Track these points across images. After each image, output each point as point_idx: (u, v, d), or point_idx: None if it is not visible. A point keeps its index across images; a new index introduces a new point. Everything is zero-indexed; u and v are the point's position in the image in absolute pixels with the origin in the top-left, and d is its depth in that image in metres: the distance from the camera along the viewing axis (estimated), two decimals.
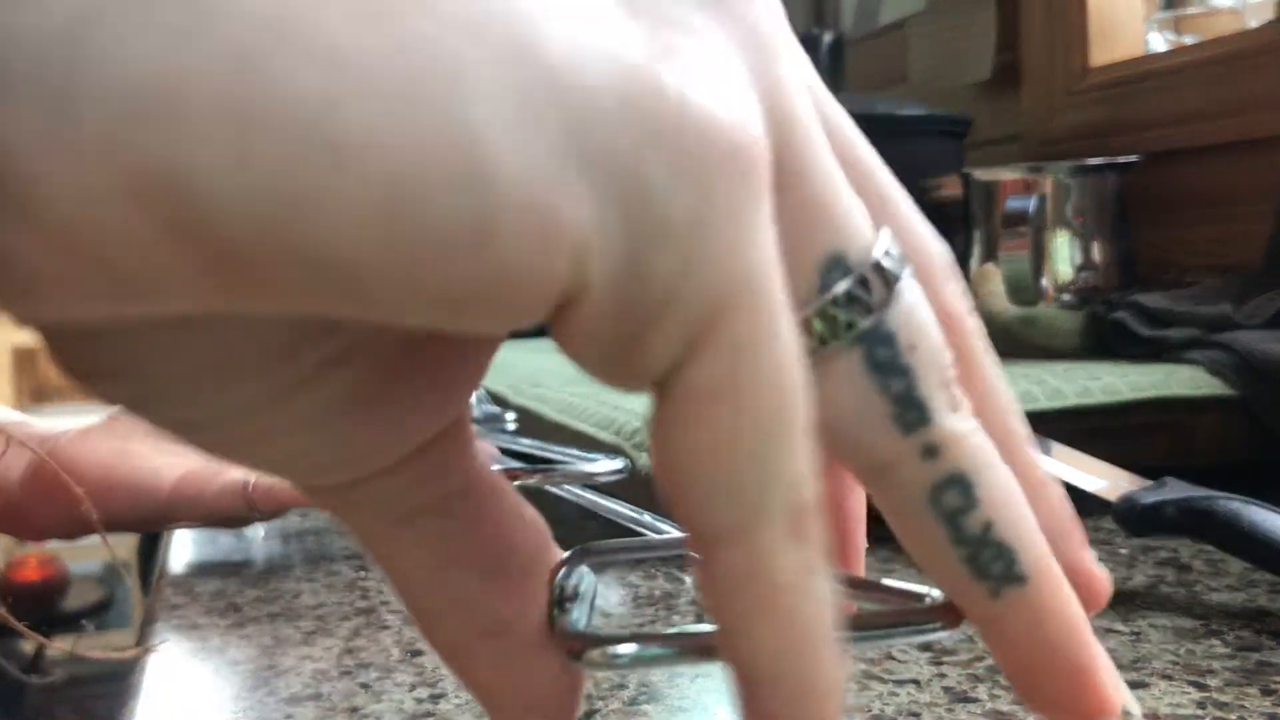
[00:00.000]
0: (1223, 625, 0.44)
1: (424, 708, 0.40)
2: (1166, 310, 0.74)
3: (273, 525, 0.70)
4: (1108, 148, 0.97)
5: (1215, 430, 0.67)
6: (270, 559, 0.62)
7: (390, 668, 0.44)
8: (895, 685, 0.39)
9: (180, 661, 0.47)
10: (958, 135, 1.07)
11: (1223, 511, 0.46)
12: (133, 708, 0.42)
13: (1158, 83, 0.94)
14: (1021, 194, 0.79)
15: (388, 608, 0.52)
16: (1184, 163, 0.92)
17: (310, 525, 0.68)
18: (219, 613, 0.52)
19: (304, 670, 0.44)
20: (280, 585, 0.57)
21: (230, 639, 0.48)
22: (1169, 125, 0.93)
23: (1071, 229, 0.78)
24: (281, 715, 0.40)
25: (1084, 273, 0.78)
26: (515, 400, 0.80)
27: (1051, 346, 0.78)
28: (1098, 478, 0.52)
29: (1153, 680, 0.39)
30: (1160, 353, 0.72)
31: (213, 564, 0.61)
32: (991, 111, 1.19)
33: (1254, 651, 0.41)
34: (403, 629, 0.48)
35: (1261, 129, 0.85)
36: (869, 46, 1.47)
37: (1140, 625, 0.44)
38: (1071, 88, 1.05)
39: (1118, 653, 0.41)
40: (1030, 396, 0.63)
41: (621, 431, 0.61)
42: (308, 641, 0.47)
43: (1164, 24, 1.00)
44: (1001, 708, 0.37)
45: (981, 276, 0.82)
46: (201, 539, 0.67)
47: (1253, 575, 0.50)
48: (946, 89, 1.26)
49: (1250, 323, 0.70)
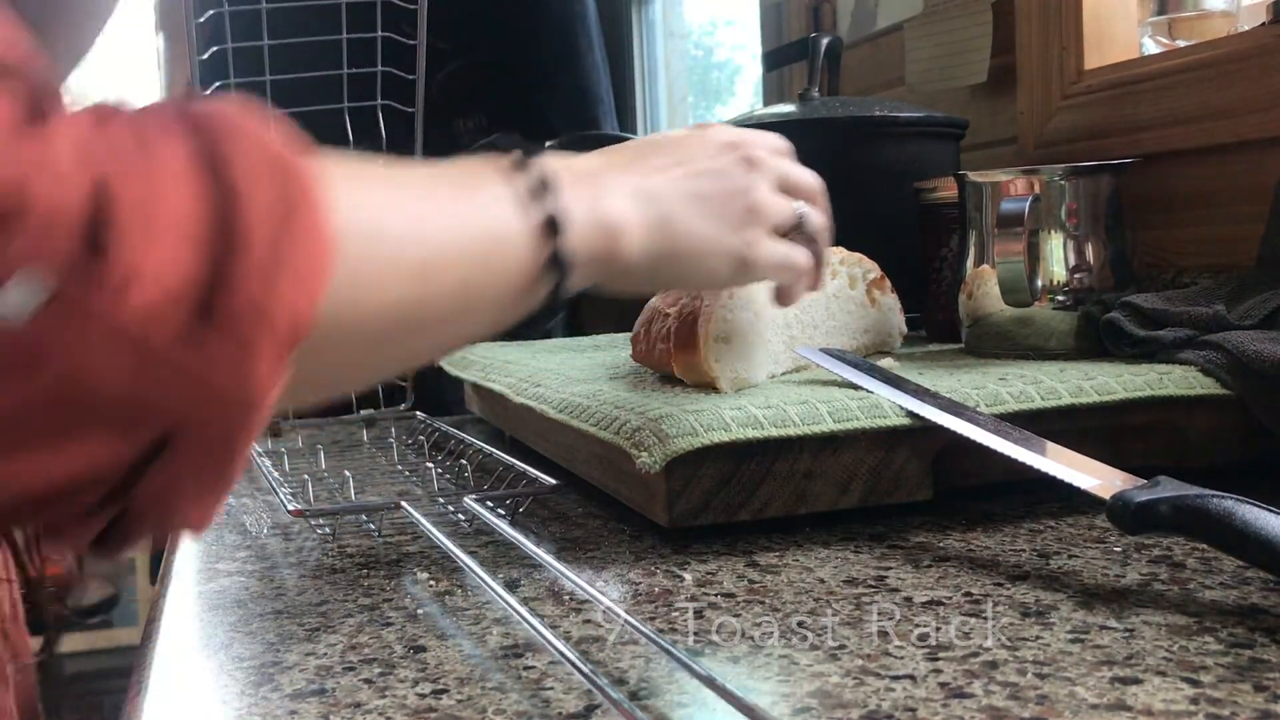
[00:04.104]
0: (1216, 622, 0.45)
1: (426, 703, 0.40)
2: (1160, 311, 0.74)
3: (274, 525, 0.70)
4: (1102, 150, 0.98)
5: (1209, 430, 0.68)
6: (275, 556, 0.62)
7: (393, 664, 0.44)
8: (891, 681, 0.40)
9: (185, 657, 0.47)
10: (954, 138, 1.08)
11: (1216, 510, 0.46)
12: (139, 703, 0.42)
13: (1151, 86, 0.95)
14: (1016, 196, 0.79)
15: (390, 605, 0.52)
16: (1177, 165, 0.93)
17: (311, 525, 0.68)
18: (224, 609, 0.53)
19: (308, 666, 0.44)
20: (284, 582, 0.57)
21: (235, 635, 0.49)
22: (1162, 127, 0.93)
23: (1066, 230, 0.78)
24: (285, 711, 0.40)
25: (1078, 274, 0.78)
26: (515, 400, 0.81)
27: (1046, 347, 0.79)
28: (1092, 476, 0.53)
29: (1146, 676, 0.39)
30: (1154, 353, 0.73)
31: (218, 561, 0.62)
32: (987, 114, 1.19)
33: (1247, 648, 0.42)
34: (405, 625, 0.49)
35: (1254, 131, 0.85)
36: (866, 50, 1.47)
37: (1134, 622, 0.45)
38: (1066, 91, 1.05)
39: (1111, 649, 0.42)
40: (1025, 396, 0.64)
41: (622, 431, 0.61)
42: (311, 638, 0.48)
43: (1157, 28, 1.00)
44: (996, 704, 0.38)
45: (977, 278, 0.82)
46: (208, 537, 0.68)
47: (1245, 573, 0.50)
48: (942, 92, 1.27)
49: (1243, 323, 0.71)
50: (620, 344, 1.07)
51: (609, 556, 0.59)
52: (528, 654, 0.45)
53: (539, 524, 0.67)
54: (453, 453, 0.89)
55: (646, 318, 0.76)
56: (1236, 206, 0.89)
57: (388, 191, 0.42)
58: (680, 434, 0.58)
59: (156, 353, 0.31)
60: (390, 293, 0.40)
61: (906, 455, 0.62)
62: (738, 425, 0.59)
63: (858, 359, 0.71)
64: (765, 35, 1.82)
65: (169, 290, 0.31)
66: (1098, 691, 0.38)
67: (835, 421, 0.60)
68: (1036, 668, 0.40)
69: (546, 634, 0.42)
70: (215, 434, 0.33)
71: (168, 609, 0.54)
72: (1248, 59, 0.86)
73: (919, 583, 0.51)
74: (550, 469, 0.71)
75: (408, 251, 0.41)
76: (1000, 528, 0.60)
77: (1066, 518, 0.62)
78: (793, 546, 0.58)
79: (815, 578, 0.53)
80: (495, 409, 0.99)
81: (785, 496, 0.60)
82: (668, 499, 0.59)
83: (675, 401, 0.62)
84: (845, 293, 0.80)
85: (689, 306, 0.70)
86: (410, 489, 0.80)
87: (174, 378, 0.32)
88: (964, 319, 0.85)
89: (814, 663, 0.42)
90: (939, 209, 0.96)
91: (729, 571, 0.55)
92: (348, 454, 0.97)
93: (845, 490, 0.61)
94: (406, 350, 0.45)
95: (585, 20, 1.98)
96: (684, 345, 0.68)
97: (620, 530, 0.64)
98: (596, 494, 0.72)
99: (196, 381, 0.32)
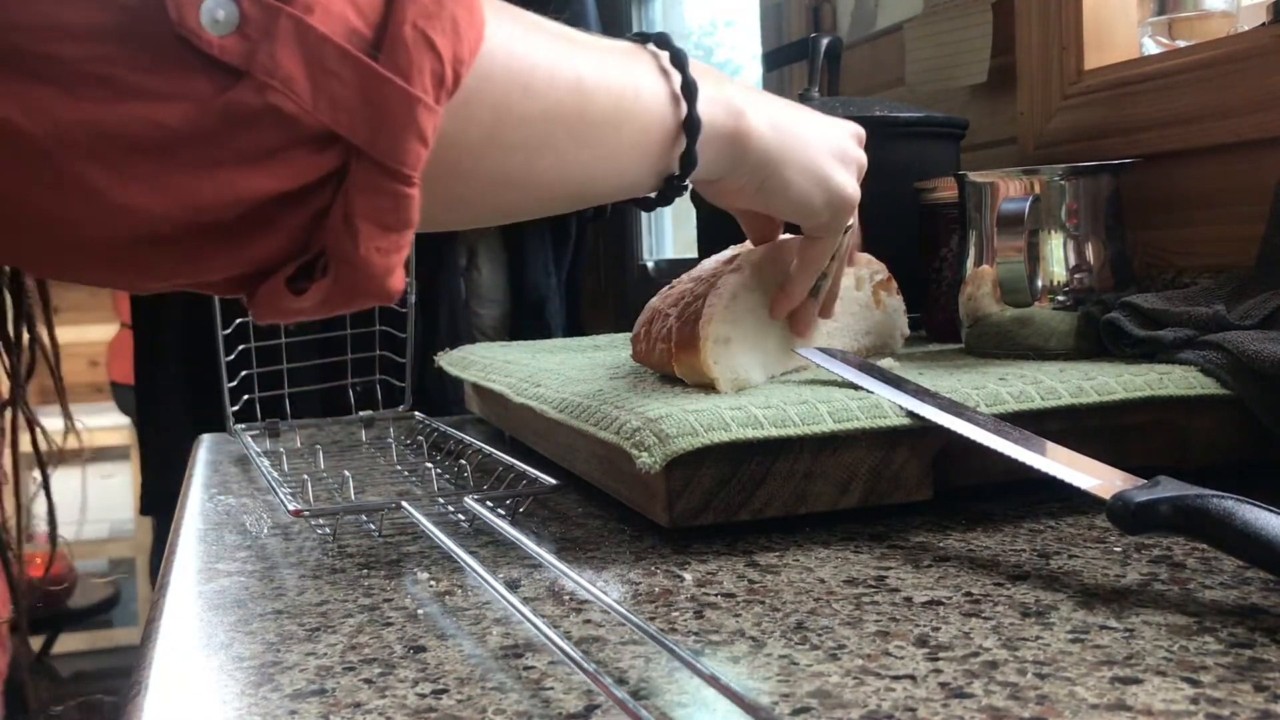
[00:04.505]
0: (1216, 622, 0.45)
1: (426, 703, 0.40)
2: (1160, 311, 0.74)
3: (274, 525, 0.70)
4: (1102, 150, 0.98)
5: (1209, 430, 0.68)
6: (275, 556, 0.62)
7: (393, 664, 0.44)
8: (891, 681, 0.40)
9: (185, 657, 0.47)
10: (954, 138, 1.08)
11: (1216, 510, 0.46)
12: (139, 703, 0.42)
13: (1151, 86, 0.95)
14: (1016, 196, 0.79)
15: (391, 605, 0.52)
16: (1177, 165, 0.93)
17: (311, 525, 0.68)
18: (224, 609, 0.53)
19: (308, 666, 0.44)
20: (284, 582, 0.57)
21: (235, 635, 0.49)
22: (1162, 128, 0.93)
23: (1066, 231, 0.78)
24: (285, 711, 0.40)
25: (1078, 274, 0.78)
26: (515, 400, 0.81)
27: (1046, 347, 0.79)
28: (1092, 476, 0.53)
29: (1146, 677, 0.39)
30: (1154, 353, 0.73)
31: (218, 561, 0.62)
32: (987, 114, 1.19)
33: (1247, 648, 0.42)
34: (405, 625, 0.49)
35: (1254, 131, 0.85)
36: (866, 50, 1.47)
37: (1134, 622, 0.45)
38: (1066, 91, 1.05)
39: (1111, 649, 0.42)
40: (1025, 396, 0.64)
41: (622, 431, 0.61)
42: (311, 638, 0.48)
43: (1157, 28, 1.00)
44: (996, 704, 0.38)
45: (977, 277, 0.82)
46: (208, 537, 0.68)
47: (1245, 573, 0.50)
48: (943, 92, 1.27)
49: (1244, 323, 0.71)
50: (620, 344, 1.07)
51: (609, 556, 0.59)
52: (528, 654, 0.45)
53: (539, 524, 0.67)
54: (452, 453, 0.89)
55: (646, 318, 0.76)
56: (1236, 206, 0.89)
57: (540, 24, 0.48)
58: (680, 434, 0.58)
59: (334, 72, 0.36)
60: (547, 98, 0.46)
61: (906, 455, 0.62)
62: (738, 425, 0.59)
63: (858, 359, 0.71)
64: (765, 35, 1.82)
65: (344, 17, 0.37)
66: (1098, 691, 0.38)
67: (835, 421, 0.60)
68: (1036, 668, 0.40)
69: (549, 633, 0.42)
70: (385, 152, 0.38)
71: (168, 609, 0.54)
72: (1248, 59, 0.86)
73: (919, 583, 0.51)
74: (550, 469, 0.71)
75: (562, 65, 0.47)
76: (1000, 528, 0.60)
77: (1066, 518, 0.62)
78: (793, 546, 0.58)
79: (815, 578, 0.53)
80: (495, 409, 0.99)
81: (785, 496, 0.60)
82: (668, 499, 0.59)
83: (675, 401, 0.62)
84: (850, 294, 0.80)
85: (689, 307, 0.70)
86: (410, 489, 0.80)
87: (348, 95, 0.37)
88: (964, 319, 0.85)
89: (814, 663, 0.42)
90: (939, 209, 0.96)
91: (729, 571, 0.55)
92: (347, 454, 0.97)
93: (845, 490, 0.61)
94: (551, 176, 0.50)
95: (585, 20, 1.98)
96: (684, 345, 0.68)
97: (620, 530, 0.64)
98: (596, 494, 0.72)
99: (367, 100, 0.37)
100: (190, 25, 0.34)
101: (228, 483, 0.86)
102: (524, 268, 1.87)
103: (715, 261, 0.75)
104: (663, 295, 0.76)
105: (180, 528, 0.72)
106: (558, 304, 1.91)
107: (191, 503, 0.79)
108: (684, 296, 0.72)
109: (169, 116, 0.35)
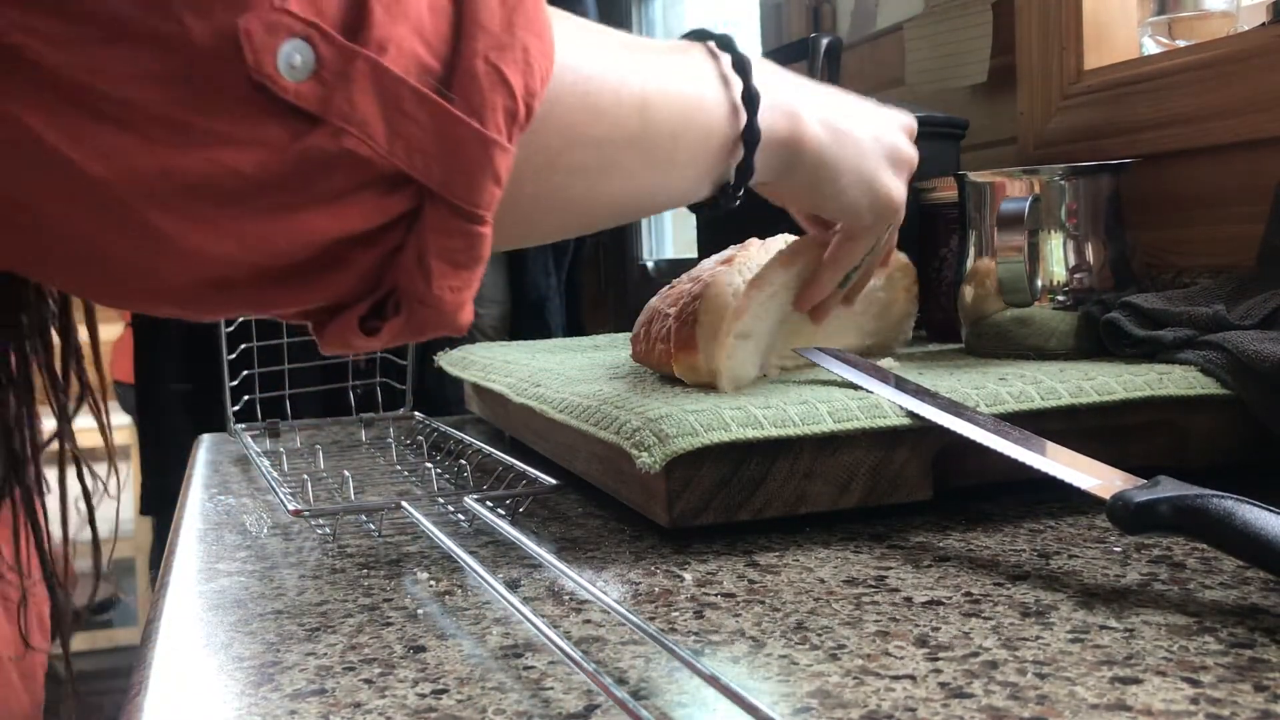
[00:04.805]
0: (1216, 622, 0.45)
1: (426, 703, 0.40)
2: (1160, 311, 0.74)
3: (274, 525, 0.70)
4: (1102, 150, 0.98)
5: (1209, 430, 0.68)
6: (275, 556, 0.62)
7: (393, 664, 0.44)
8: (891, 681, 0.40)
9: (186, 657, 0.47)
10: (954, 138, 1.08)
11: (1216, 510, 0.46)
12: (139, 703, 0.42)
13: (1151, 86, 0.95)
14: (1016, 196, 0.79)
15: (390, 605, 0.52)
16: (1177, 165, 0.93)
17: (311, 525, 0.68)
18: (224, 609, 0.53)
19: (308, 666, 0.44)
20: (284, 582, 0.57)
21: (235, 635, 0.49)
22: (1162, 128, 0.93)
23: (1066, 230, 0.78)
24: (285, 711, 0.40)
25: (1078, 274, 0.78)
26: (515, 400, 0.81)
27: (1046, 347, 0.79)
28: (1092, 476, 0.53)
29: (1146, 676, 0.39)
30: (1154, 353, 0.73)
31: (218, 561, 0.62)
32: (987, 114, 1.19)
33: (1247, 648, 0.42)
34: (405, 625, 0.49)
35: (1254, 131, 0.85)
36: (866, 50, 1.47)
37: (1134, 622, 0.45)
38: (1066, 91, 1.05)
39: (1111, 649, 0.42)
40: (1025, 396, 0.64)
41: (622, 431, 0.61)
42: (311, 638, 0.48)
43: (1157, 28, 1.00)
44: (996, 704, 0.38)
45: (977, 278, 0.82)
46: (208, 537, 0.68)
47: (1245, 573, 0.50)
48: (942, 92, 1.27)
49: (1243, 323, 0.71)
50: (620, 344, 1.07)
51: (609, 556, 0.59)
52: (528, 654, 0.45)
53: (539, 524, 0.67)
54: (452, 453, 0.89)
55: (646, 318, 0.76)
56: (1236, 206, 0.89)
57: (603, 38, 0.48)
58: (680, 434, 0.58)
59: (410, 115, 0.36)
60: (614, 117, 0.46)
61: (906, 455, 0.62)
62: (738, 425, 0.59)
63: (858, 359, 0.71)
64: (765, 35, 1.82)
65: (415, 54, 0.36)
66: (1098, 691, 0.38)
67: (835, 421, 0.60)
68: (1036, 668, 0.40)
69: (549, 633, 0.42)
70: (460, 195, 0.38)
71: (168, 609, 0.54)
72: (1248, 59, 0.86)
73: (919, 583, 0.51)
74: (550, 469, 0.71)
75: (629, 80, 0.47)
76: (1000, 528, 0.60)
77: (1066, 518, 0.62)
78: (793, 546, 0.58)
79: (815, 578, 0.53)
80: (495, 409, 0.99)
81: (785, 496, 0.60)
82: (668, 499, 0.59)
83: (675, 401, 0.62)
84: (873, 292, 0.80)
85: (689, 307, 0.70)
86: (410, 489, 0.80)
87: (423, 138, 0.36)
88: (964, 319, 0.85)
89: (814, 663, 0.42)
90: (939, 209, 0.96)
91: (729, 571, 0.55)
92: (347, 454, 0.97)
93: (845, 490, 0.61)
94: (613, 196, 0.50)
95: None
96: (684, 345, 0.68)
97: (620, 530, 0.64)
98: (596, 494, 0.72)
99: (441, 143, 0.37)
100: (267, 71, 0.33)
101: (228, 483, 0.86)
102: (524, 268, 1.87)
103: (715, 261, 0.75)
104: (663, 295, 0.76)
105: (180, 528, 0.72)
106: (557, 304, 1.91)
107: (191, 503, 0.79)
108: (683, 296, 0.72)
109: (244, 163, 0.34)
